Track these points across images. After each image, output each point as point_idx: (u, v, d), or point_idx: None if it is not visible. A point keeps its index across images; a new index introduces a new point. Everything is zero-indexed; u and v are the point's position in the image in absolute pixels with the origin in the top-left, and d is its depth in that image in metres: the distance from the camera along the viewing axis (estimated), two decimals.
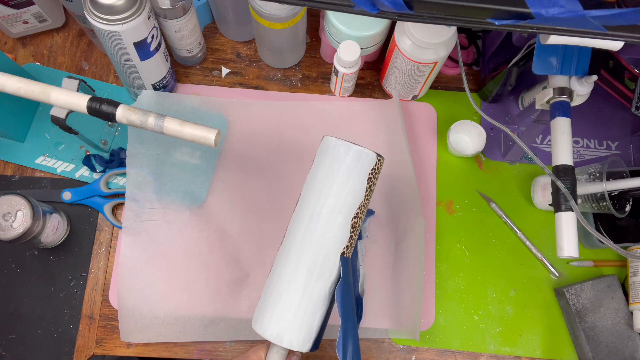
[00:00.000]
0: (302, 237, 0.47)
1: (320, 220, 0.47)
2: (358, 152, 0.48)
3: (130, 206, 0.65)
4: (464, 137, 0.71)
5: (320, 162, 0.49)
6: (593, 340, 0.63)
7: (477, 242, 0.69)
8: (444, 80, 0.76)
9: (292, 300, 0.46)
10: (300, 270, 0.46)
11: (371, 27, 0.64)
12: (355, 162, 0.48)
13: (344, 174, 0.48)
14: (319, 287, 0.46)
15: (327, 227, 0.47)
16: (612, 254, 0.69)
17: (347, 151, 0.48)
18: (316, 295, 0.46)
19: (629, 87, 0.64)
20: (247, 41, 0.76)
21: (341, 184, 0.47)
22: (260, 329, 0.47)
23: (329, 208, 0.47)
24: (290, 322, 0.46)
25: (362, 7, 0.39)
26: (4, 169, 0.69)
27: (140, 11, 0.55)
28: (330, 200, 0.47)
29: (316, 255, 0.47)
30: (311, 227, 0.47)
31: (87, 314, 0.64)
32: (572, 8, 0.34)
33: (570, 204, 0.51)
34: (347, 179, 0.47)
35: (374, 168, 0.48)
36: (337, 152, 0.48)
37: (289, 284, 0.46)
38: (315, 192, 0.48)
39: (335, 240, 0.47)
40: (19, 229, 0.57)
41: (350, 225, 0.47)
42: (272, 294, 0.47)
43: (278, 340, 0.46)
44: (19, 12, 0.68)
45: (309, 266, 0.46)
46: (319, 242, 0.47)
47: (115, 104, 0.54)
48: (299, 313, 0.46)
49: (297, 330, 0.46)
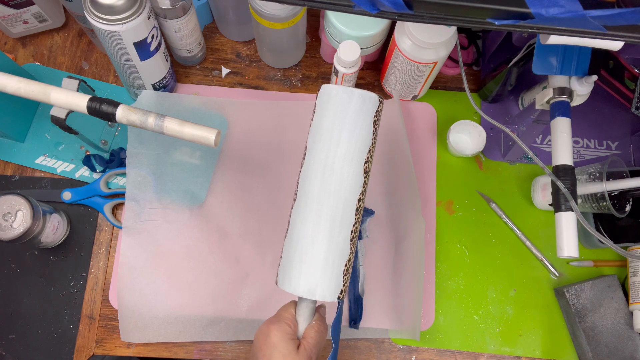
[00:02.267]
0: (318, 189, 0.46)
1: (335, 169, 0.46)
2: (362, 96, 0.47)
3: (130, 206, 0.65)
4: (464, 137, 0.71)
5: (324, 111, 0.48)
6: (593, 340, 0.63)
7: (477, 242, 0.69)
8: (444, 80, 0.76)
9: (319, 254, 0.45)
10: (322, 223, 0.46)
11: (371, 27, 0.64)
12: (360, 106, 0.47)
13: (351, 120, 0.47)
14: (342, 237, 0.46)
15: (343, 175, 0.46)
16: (612, 254, 0.69)
17: (351, 96, 0.47)
18: (341, 245, 0.46)
19: (629, 87, 0.64)
20: (247, 41, 0.76)
21: (350, 130, 0.47)
22: (290, 287, 0.46)
23: (341, 156, 0.46)
24: (320, 275, 0.45)
25: (362, 7, 0.39)
26: (4, 169, 0.69)
27: (140, 11, 0.55)
28: (342, 148, 0.46)
29: (336, 205, 0.46)
30: (326, 178, 0.46)
31: (87, 314, 0.64)
32: (572, 8, 0.34)
33: (570, 204, 0.51)
34: (355, 124, 0.47)
35: (377, 110, 0.48)
36: (340, 99, 0.47)
37: (313, 238, 0.46)
38: (324, 142, 0.47)
39: (352, 188, 0.46)
40: (19, 229, 0.57)
41: (363, 170, 0.47)
42: (296, 251, 0.46)
43: (310, 295, 0.45)
44: (19, 12, 0.68)
45: (330, 217, 0.46)
46: (337, 192, 0.46)
47: (115, 104, 0.54)
48: (328, 265, 0.45)
49: (328, 283, 0.45)
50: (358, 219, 0.47)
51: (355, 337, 0.65)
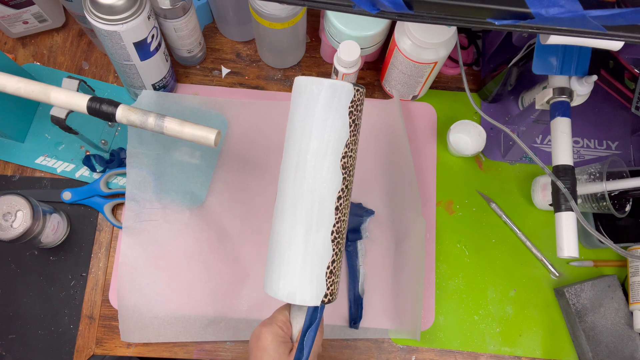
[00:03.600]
0: (292, 189, 0.44)
1: (307, 167, 0.43)
2: (332, 86, 0.43)
3: (130, 206, 0.65)
4: (464, 137, 0.71)
5: (295, 105, 0.45)
6: (593, 340, 0.63)
7: (477, 242, 0.69)
8: (444, 80, 0.76)
9: (296, 257, 0.43)
10: (297, 224, 0.43)
11: (371, 27, 0.64)
12: (330, 97, 0.43)
13: (321, 113, 0.43)
14: (321, 238, 0.44)
15: (316, 173, 0.43)
16: (612, 254, 0.69)
17: (320, 87, 0.43)
18: (320, 247, 0.44)
19: (629, 87, 0.64)
20: (247, 41, 0.76)
21: (320, 124, 0.43)
22: (272, 291, 0.45)
23: (313, 152, 0.43)
24: (298, 279, 0.43)
25: (362, 7, 0.39)
26: (4, 169, 0.69)
27: (140, 11, 0.55)
28: (313, 144, 0.43)
29: (310, 205, 0.43)
30: (299, 176, 0.44)
31: (87, 314, 0.64)
32: (572, 8, 0.34)
33: (570, 204, 0.51)
34: (326, 117, 0.43)
35: (353, 100, 0.44)
36: (310, 91, 0.44)
37: (289, 241, 0.44)
38: (295, 139, 0.44)
39: (328, 186, 0.43)
40: (19, 229, 0.57)
41: (341, 166, 0.44)
42: (275, 254, 0.45)
43: (291, 299, 0.44)
44: (19, 12, 0.68)
45: (305, 218, 0.43)
46: (311, 191, 0.43)
47: (115, 104, 0.54)
48: (306, 268, 0.43)
49: (308, 286, 0.43)
50: (340, 217, 0.45)
51: (355, 337, 0.65)
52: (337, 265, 0.45)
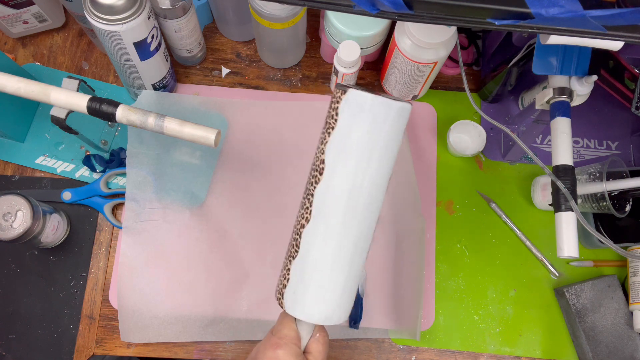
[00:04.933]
0: (343, 213, 0.42)
1: (363, 192, 0.42)
2: (400, 110, 0.41)
3: (130, 206, 0.65)
4: (464, 137, 0.71)
5: (355, 125, 0.41)
6: (593, 340, 0.63)
7: (477, 242, 0.69)
8: (444, 80, 0.76)
9: (339, 281, 0.43)
10: (345, 248, 0.42)
11: (371, 27, 0.64)
12: (396, 121, 0.41)
13: (386, 139, 0.42)
14: (362, 261, 0.44)
15: (371, 198, 0.42)
16: (612, 254, 0.69)
17: (388, 111, 0.41)
18: (360, 268, 0.44)
19: (629, 87, 0.64)
20: (247, 41, 0.76)
21: (383, 150, 0.42)
22: (303, 314, 0.43)
23: (371, 178, 0.42)
24: (338, 302, 0.43)
25: (362, 7, 0.39)
26: (4, 169, 0.69)
27: (140, 11, 0.55)
28: (372, 169, 0.42)
29: (361, 229, 0.43)
30: (353, 201, 0.42)
31: (87, 314, 0.64)
32: (572, 8, 0.34)
33: (570, 204, 0.51)
34: (389, 143, 0.42)
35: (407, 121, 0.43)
36: (376, 113, 0.41)
37: (333, 264, 0.42)
38: (353, 161, 0.42)
39: (377, 210, 0.43)
40: (19, 229, 0.57)
41: (386, 187, 0.44)
42: (312, 277, 0.43)
43: (327, 321, 0.43)
44: (19, 12, 0.68)
45: (354, 242, 0.43)
46: (363, 216, 0.43)
47: (115, 104, 0.54)
48: (346, 291, 0.43)
49: (345, 307, 0.44)
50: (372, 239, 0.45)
51: (355, 337, 0.65)
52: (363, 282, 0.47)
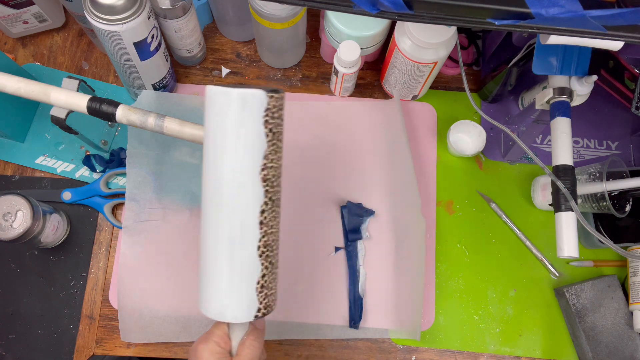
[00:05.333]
0: (212, 207, 0.42)
1: (223, 184, 0.41)
2: (241, 97, 0.41)
3: (130, 206, 0.65)
4: (464, 137, 0.71)
5: (207, 118, 0.43)
6: (593, 340, 0.63)
7: (477, 242, 0.69)
8: (444, 80, 0.76)
9: (222, 276, 0.42)
10: (220, 243, 0.42)
11: (371, 27, 0.64)
12: (240, 109, 0.41)
13: (233, 127, 0.41)
14: (247, 255, 0.42)
15: (233, 189, 0.41)
16: (612, 254, 0.69)
17: (229, 99, 0.41)
18: (247, 263, 0.42)
19: (629, 87, 0.64)
20: (247, 41, 0.76)
21: (233, 140, 0.41)
22: (204, 309, 0.44)
23: (229, 168, 0.41)
24: (227, 297, 0.42)
25: (362, 7, 0.39)
26: (4, 169, 0.69)
27: (140, 11, 0.55)
28: (227, 160, 0.41)
29: (232, 222, 0.42)
30: (217, 194, 0.42)
31: (87, 314, 0.64)
32: (572, 8, 0.34)
33: (570, 204, 0.51)
34: (238, 130, 0.41)
35: (268, 108, 0.41)
36: (220, 103, 0.41)
37: (214, 260, 0.43)
38: (210, 154, 0.42)
39: (250, 201, 0.42)
40: (19, 229, 0.57)
41: (261, 179, 0.42)
42: (203, 272, 0.44)
43: (222, 317, 0.43)
44: (19, 12, 0.68)
45: (228, 236, 0.42)
46: (231, 208, 0.42)
47: (115, 104, 0.54)
48: (234, 286, 0.42)
49: (237, 304, 0.43)
50: (268, 231, 0.43)
51: (355, 337, 0.65)
52: (270, 277, 0.44)
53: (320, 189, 0.69)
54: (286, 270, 0.66)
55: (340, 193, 0.69)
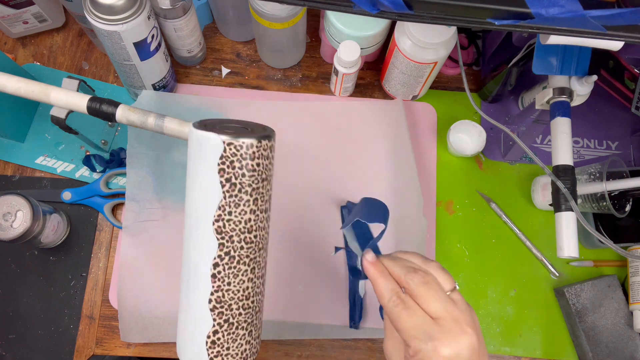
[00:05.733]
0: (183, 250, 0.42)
1: (186, 229, 0.40)
2: (198, 140, 0.38)
3: (130, 206, 0.65)
4: (464, 137, 0.71)
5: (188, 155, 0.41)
6: (593, 340, 0.63)
7: (477, 242, 0.69)
8: (444, 80, 0.76)
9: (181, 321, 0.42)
10: (182, 288, 0.41)
11: (371, 27, 0.64)
12: (196, 153, 0.38)
13: (192, 172, 0.39)
14: (198, 305, 0.40)
15: (192, 235, 0.40)
16: (612, 254, 0.69)
17: (191, 139, 0.39)
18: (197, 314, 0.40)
19: (629, 87, 0.64)
20: (247, 41, 0.76)
21: (191, 185, 0.39)
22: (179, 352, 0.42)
23: (189, 212, 0.40)
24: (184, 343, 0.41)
25: (362, 7, 0.39)
26: (4, 169, 0.69)
27: (140, 11, 0.55)
28: (188, 201, 0.40)
29: (188, 270, 0.40)
30: (184, 237, 0.41)
31: (87, 314, 0.64)
32: (572, 8, 0.34)
33: (570, 204, 0.51)
34: (195, 177, 0.39)
35: (224, 156, 0.37)
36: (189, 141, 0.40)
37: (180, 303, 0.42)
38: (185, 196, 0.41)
39: (201, 251, 0.39)
40: (19, 229, 0.57)
41: (214, 230, 0.38)
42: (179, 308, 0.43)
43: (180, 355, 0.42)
44: (19, 12, 0.68)
45: (185, 283, 0.41)
46: (188, 253, 0.40)
47: (115, 104, 0.54)
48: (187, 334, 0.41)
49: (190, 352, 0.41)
50: (221, 286, 0.39)
51: (355, 337, 0.65)
52: (227, 337, 0.40)
53: (320, 189, 0.69)
54: (286, 271, 0.66)
55: (340, 193, 0.69)
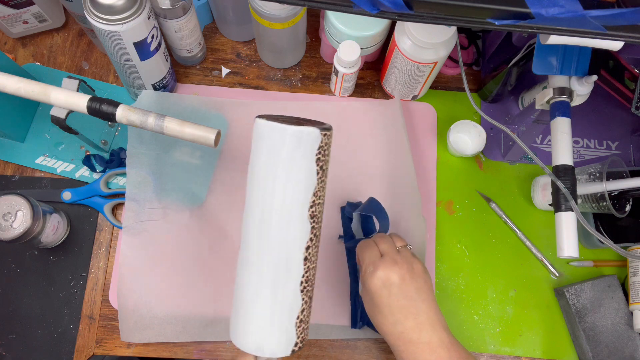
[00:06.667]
0: (257, 242, 0.43)
1: (272, 221, 0.42)
2: (297, 135, 0.40)
3: (130, 206, 0.65)
4: (464, 137, 0.71)
5: (257, 154, 0.42)
6: (593, 340, 0.63)
7: (477, 242, 0.69)
8: (444, 80, 0.76)
9: (264, 311, 0.43)
10: (264, 278, 0.42)
11: (371, 27, 0.64)
12: (295, 146, 0.40)
13: (286, 164, 0.41)
14: (290, 290, 0.43)
15: (282, 226, 0.42)
16: (612, 254, 0.69)
17: (283, 136, 0.41)
18: (289, 298, 0.43)
19: (629, 87, 0.64)
20: (247, 41, 0.76)
21: (284, 177, 0.41)
22: (238, 342, 0.44)
23: (278, 206, 0.41)
24: (268, 332, 0.43)
25: (362, 7, 0.39)
26: (4, 169, 0.69)
27: (140, 11, 0.55)
28: (278, 197, 0.41)
29: (278, 259, 0.42)
30: (264, 229, 0.42)
31: (87, 314, 0.64)
32: (572, 8, 0.34)
33: (570, 204, 0.51)
34: (291, 168, 0.41)
35: (320, 146, 0.41)
36: (272, 140, 0.41)
37: (256, 294, 0.43)
38: (259, 192, 0.42)
39: (295, 238, 0.42)
40: (19, 229, 0.57)
41: (309, 216, 0.42)
42: (242, 304, 0.44)
43: (260, 352, 0.43)
44: (19, 12, 0.68)
45: (272, 272, 0.42)
46: (277, 245, 0.42)
47: (115, 104, 0.54)
48: (275, 321, 0.43)
49: (277, 339, 0.43)
50: (310, 266, 0.43)
51: (355, 337, 0.65)
52: (308, 311, 0.44)
53: None
54: None
55: (340, 193, 0.69)
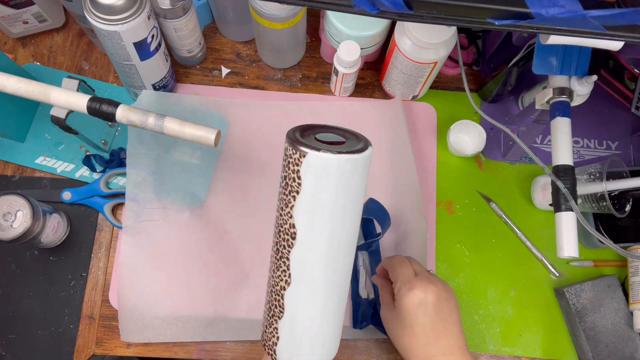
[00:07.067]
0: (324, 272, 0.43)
1: (341, 250, 0.43)
2: (363, 161, 0.41)
3: (130, 206, 0.65)
4: (464, 137, 0.71)
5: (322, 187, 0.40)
6: (593, 340, 0.63)
7: (477, 242, 0.69)
8: (444, 80, 0.76)
9: (328, 333, 0.45)
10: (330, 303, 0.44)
11: (371, 27, 0.64)
12: (363, 172, 0.42)
13: (355, 192, 0.42)
14: (345, 304, 0.47)
15: (348, 252, 0.44)
16: (612, 254, 0.69)
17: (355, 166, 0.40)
18: (343, 312, 0.47)
19: (629, 87, 0.64)
20: (247, 41, 0.76)
21: (354, 204, 0.42)
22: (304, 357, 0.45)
23: (347, 236, 0.43)
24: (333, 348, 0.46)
25: (362, 7, 0.39)
26: (4, 169, 0.69)
27: (140, 11, 0.55)
28: (347, 228, 0.43)
29: (343, 283, 0.45)
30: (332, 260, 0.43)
31: (87, 314, 0.64)
32: (572, 8, 0.34)
33: (570, 204, 0.51)
34: (358, 193, 0.42)
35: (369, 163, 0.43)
36: (343, 171, 0.40)
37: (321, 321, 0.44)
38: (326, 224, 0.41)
39: (353, 257, 0.46)
40: (19, 229, 0.57)
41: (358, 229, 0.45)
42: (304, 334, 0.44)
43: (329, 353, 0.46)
44: (19, 12, 0.68)
45: (338, 296, 0.45)
46: (343, 271, 0.44)
47: (115, 104, 0.54)
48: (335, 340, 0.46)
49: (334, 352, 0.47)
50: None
51: (355, 337, 0.65)
52: None
53: None
54: None
55: None
